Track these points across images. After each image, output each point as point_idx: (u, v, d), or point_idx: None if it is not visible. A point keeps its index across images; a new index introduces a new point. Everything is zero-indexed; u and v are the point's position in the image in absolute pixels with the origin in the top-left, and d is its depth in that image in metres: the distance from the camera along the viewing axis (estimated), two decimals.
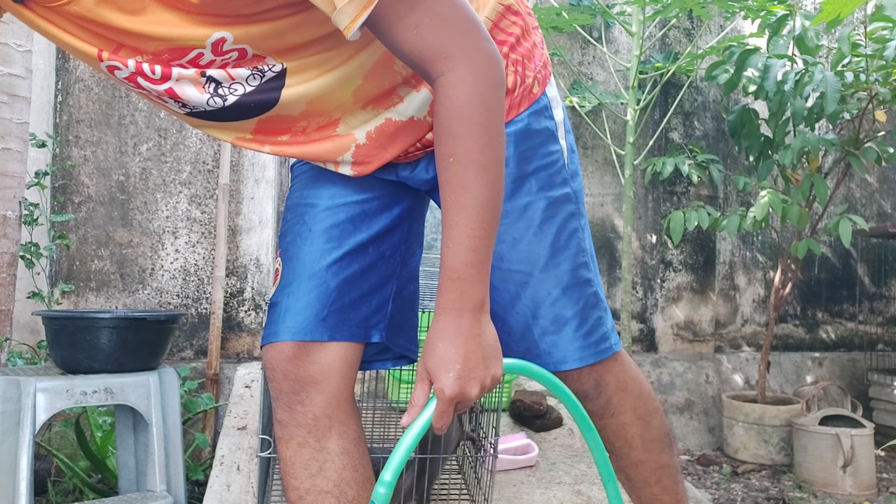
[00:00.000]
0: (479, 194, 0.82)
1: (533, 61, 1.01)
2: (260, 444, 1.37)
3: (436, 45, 0.79)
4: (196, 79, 0.88)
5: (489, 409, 1.51)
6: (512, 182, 1.00)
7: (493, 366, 0.84)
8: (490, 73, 0.82)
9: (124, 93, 2.90)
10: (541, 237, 1.02)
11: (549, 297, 1.02)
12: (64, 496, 2.31)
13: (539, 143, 1.02)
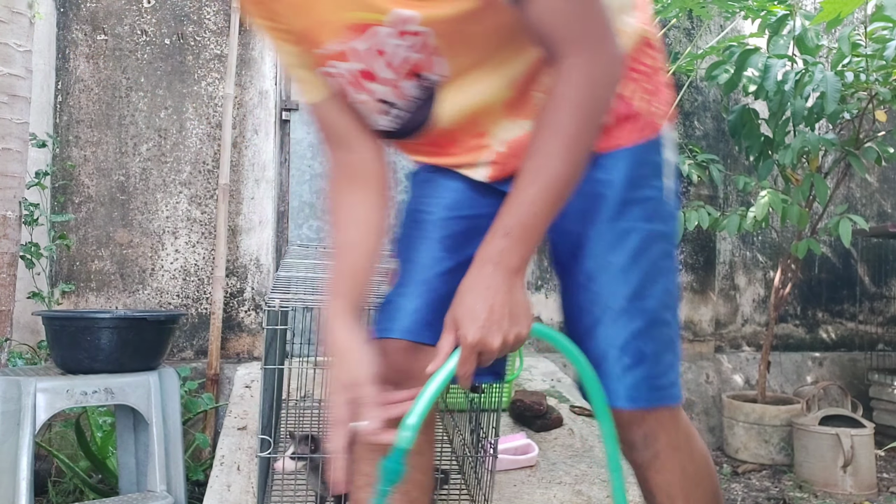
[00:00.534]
0: (558, 167, 0.84)
1: (660, 97, 1.03)
2: (260, 444, 1.37)
3: (571, 30, 0.83)
4: (378, 107, 0.97)
5: (489, 409, 1.52)
6: (618, 204, 0.99)
7: (519, 323, 0.86)
8: (609, 71, 0.85)
9: (124, 93, 2.91)
10: (634, 267, 0.98)
11: (628, 329, 0.98)
12: (64, 496, 2.31)
13: (649, 174, 1.01)
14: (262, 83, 3.01)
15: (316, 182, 3.16)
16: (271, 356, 1.44)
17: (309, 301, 1.35)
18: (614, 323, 0.98)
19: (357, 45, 0.90)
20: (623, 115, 0.98)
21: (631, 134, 0.99)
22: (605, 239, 0.99)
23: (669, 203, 1.03)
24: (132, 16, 2.92)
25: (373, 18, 0.85)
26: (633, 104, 0.98)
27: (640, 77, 0.99)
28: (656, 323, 0.99)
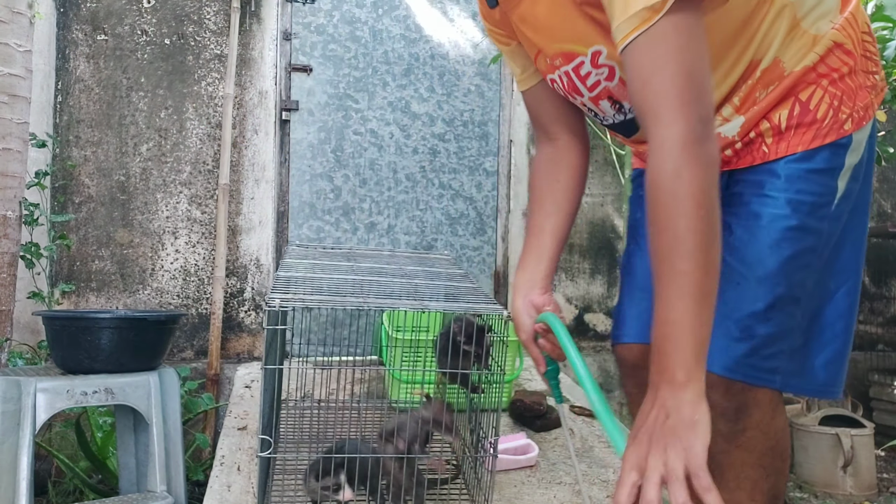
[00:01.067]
0: (679, 267, 0.84)
1: (854, 101, 1.05)
2: (260, 444, 1.37)
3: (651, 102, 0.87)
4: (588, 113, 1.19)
5: (489, 409, 1.52)
6: (774, 189, 1.05)
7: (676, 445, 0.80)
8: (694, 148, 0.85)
9: (124, 93, 2.91)
10: (776, 252, 1.03)
11: (747, 306, 1.03)
12: (64, 497, 2.31)
13: (821, 173, 1.04)
14: (262, 83, 3.01)
15: (316, 182, 3.16)
16: (271, 356, 1.44)
17: (309, 301, 1.35)
18: (740, 295, 1.03)
19: (565, 68, 1.12)
20: (801, 120, 1.04)
21: (813, 140, 1.03)
22: (757, 218, 1.04)
23: (836, 207, 1.05)
24: (132, 16, 2.92)
25: (577, 49, 1.07)
26: (815, 110, 1.03)
27: (827, 83, 1.04)
28: (779, 309, 1.02)
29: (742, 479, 1.06)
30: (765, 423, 1.05)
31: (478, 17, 3.31)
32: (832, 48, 1.04)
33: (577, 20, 1.03)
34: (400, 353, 2.10)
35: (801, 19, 1.02)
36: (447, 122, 3.30)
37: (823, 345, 1.07)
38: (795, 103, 1.04)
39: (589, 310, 3.33)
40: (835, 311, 1.08)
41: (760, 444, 1.05)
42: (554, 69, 1.15)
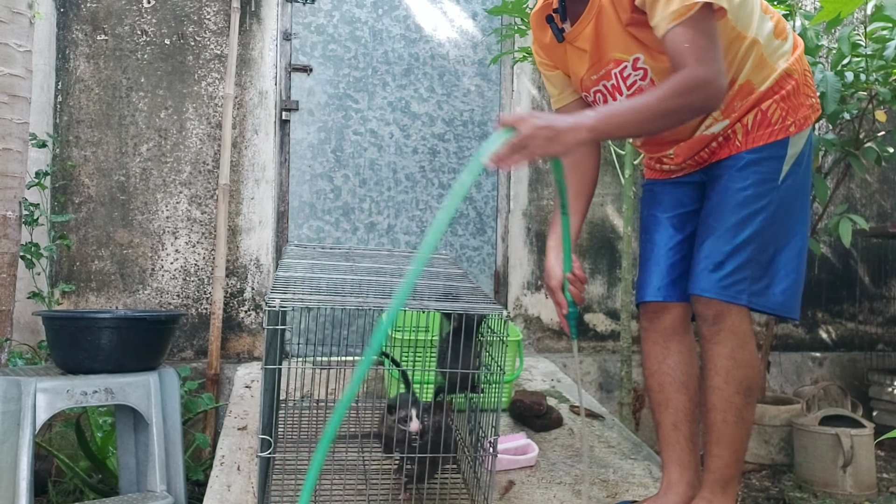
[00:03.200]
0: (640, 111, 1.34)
1: (797, 113, 1.53)
2: (260, 444, 1.37)
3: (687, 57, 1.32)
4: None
5: (489, 409, 1.52)
6: (739, 170, 1.51)
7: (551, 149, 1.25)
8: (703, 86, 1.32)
9: (124, 93, 2.91)
10: (738, 211, 1.49)
11: (719, 248, 1.49)
12: (64, 496, 2.31)
13: (771, 159, 1.52)
14: (262, 83, 3.01)
15: (316, 182, 3.16)
16: (271, 356, 1.44)
17: (309, 301, 1.35)
18: (714, 241, 1.50)
19: (614, 71, 1.53)
20: (761, 123, 1.51)
21: (770, 136, 1.51)
22: (726, 194, 1.51)
23: (781, 181, 1.52)
24: (132, 16, 2.92)
25: (623, 57, 1.50)
26: (770, 117, 1.50)
27: (779, 98, 1.51)
28: (741, 249, 1.48)
29: (719, 367, 1.51)
30: (734, 327, 1.49)
31: (478, 16, 3.31)
32: (784, 76, 1.53)
33: (622, 36, 1.47)
34: (400, 353, 2.10)
35: (767, 57, 1.51)
36: (447, 122, 3.30)
37: (781, 278, 1.51)
38: (758, 112, 1.51)
39: (589, 310, 3.32)
40: (789, 254, 1.52)
41: (731, 342, 1.50)
42: (598, 82, 1.57)
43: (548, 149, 1.24)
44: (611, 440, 2.13)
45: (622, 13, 1.45)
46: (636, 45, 1.47)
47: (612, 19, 1.47)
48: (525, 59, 3.09)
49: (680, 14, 1.32)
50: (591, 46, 1.53)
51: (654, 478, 1.85)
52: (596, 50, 1.53)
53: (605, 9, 1.48)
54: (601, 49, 1.52)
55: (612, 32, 1.49)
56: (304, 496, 1.02)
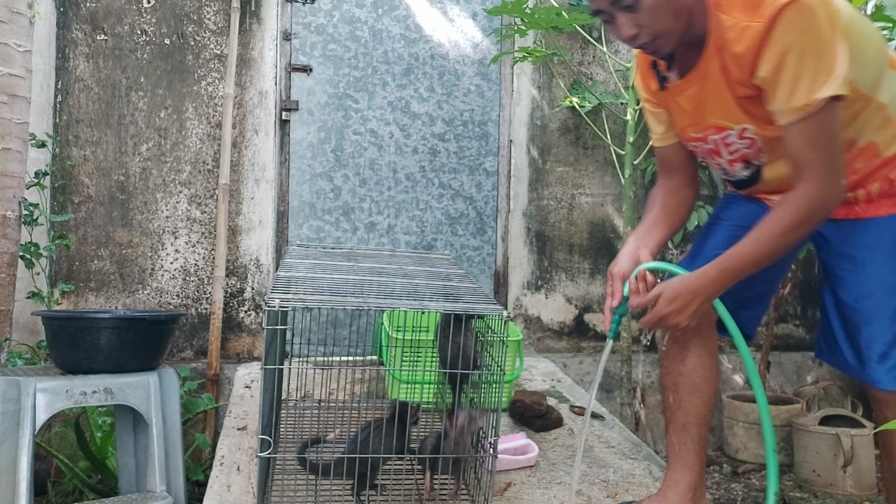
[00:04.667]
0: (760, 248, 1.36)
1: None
2: (260, 444, 1.37)
3: (807, 163, 1.31)
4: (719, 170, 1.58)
5: (489, 409, 1.51)
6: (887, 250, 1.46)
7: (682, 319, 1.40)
8: (823, 204, 1.33)
9: (124, 93, 2.90)
10: (892, 297, 1.44)
11: (881, 337, 1.44)
12: (64, 497, 2.31)
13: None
14: (262, 83, 3.01)
15: (316, 182, 3.16)
16: (271, 356, 1.44)
17: (309, 301, 1.35)
18: (875, 329, 1.44)
19: (713, 137, 1.49)
20: (888, 193, 1.45)
21: (888, 206, 1.46)
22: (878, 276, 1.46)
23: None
24: (132, 15, 2.91)
25: (727, 125, 1.45)
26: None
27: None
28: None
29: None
30: None
31: (478, 16, 3.31)
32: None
33: (731, 105, 1.41)
34: (400, 353, 2.10)
35: (894, 115, 1.42)
36: (447, 122, 3.29)
37: None
38: (886, 180, 1.44)
39: (589, 310, 3.32)
40: None
41: None
42: (696, 140, 1.53)
43: (681, 319, 1.38)
44: (611, 440, 2.13)
45: (736, 87, 1.37)
46: (745, 116, 1.40)
47: (722, 88, 1.39)
48: (525, 58, 3.08)
49: (804, 110, 1.27)
50: (692, 108, 1.48)
51: (655, 478, 1.85)
52: (697, 113, 1.48)
53: (713, 76, 1.39)
54: (702, 113, 1.47)
55: (718, 100, 1.42)
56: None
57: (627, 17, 1.33)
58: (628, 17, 1.33)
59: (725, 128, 1.45)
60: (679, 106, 1.51)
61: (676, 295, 1.38)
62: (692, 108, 1.48)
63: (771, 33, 1.26)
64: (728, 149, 1.49)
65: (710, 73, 1.40)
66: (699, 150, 1.57)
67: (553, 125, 3.29)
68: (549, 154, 3.28)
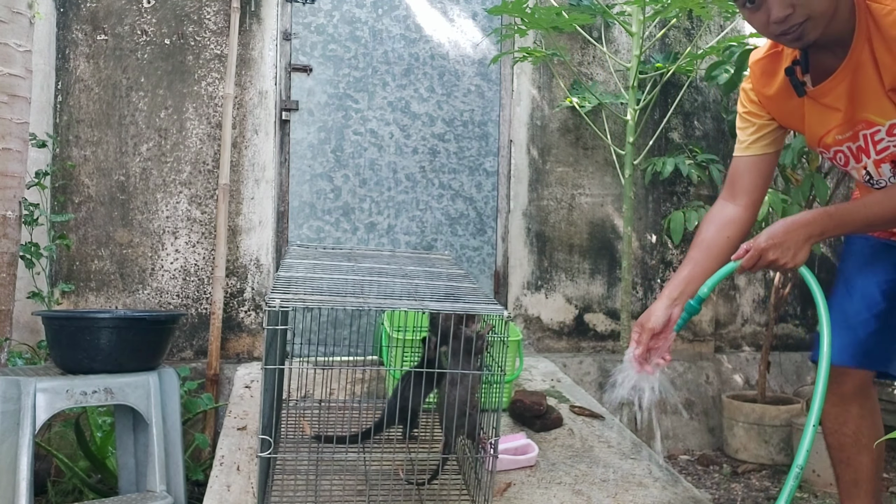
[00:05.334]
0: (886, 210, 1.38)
1: None
2: (260, 444, 1.37)
3: None
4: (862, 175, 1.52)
5: (489, 409, 1.52)
6: None
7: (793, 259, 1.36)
8: None
9: (124, 93, 2.91)
10: None
11: None
12: (64, 496, 2.31)
13: None
14: (262, 83, 3.01)
15: (316, 182, 3.16)
16: (271, 356, 1.44)
17: (309, 301, 1.35)
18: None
19: (864, 132, 1.43)
20: None
21: None
22: None
23: None
24: (132, 16, 2.92)
25: (878, 120, 1.40)
26: None
27: None
28: None
29: None
30: None
31: (478, 16, 3.31)
32: None
33: (882, 99, 1.36)
34: (400, 353, 2.10)
35: None
36: (447, 122, 3.30)
37: None
38: None
39: (589, 310, 3.33)
40: None
41: None
42: (843, 142, 1.49)
43: (792, 264, 1.35)
44: (611, 440, 2.13)
45: (886, 75, 1.33)
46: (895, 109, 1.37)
47: (873, 79, 1.35)
48: (525, 59, 3.09)
49: None
50: (844, 105, 1.42)
51: (654, 478, 1.85)
52: (850, 109, 1.42)
53: (864, 66, 1.35)
54: (855, 109, 1.42)
55: (870, 93, 1.37)
56: None
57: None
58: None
59: (876, 123, 1.41)
60: (825, 107, 1.45)
61: (777, 230, 1.36)
62: (845, 105, 1.42)
63: None
64: (875, 147, 1.44)
65: (861, 63, 1.35)
66: (842, 156, 1.52)
67: (553, 125, 3.29)
68: (549, 154, 3.28)
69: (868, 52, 1.34)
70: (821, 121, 1.48)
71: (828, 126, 1.48)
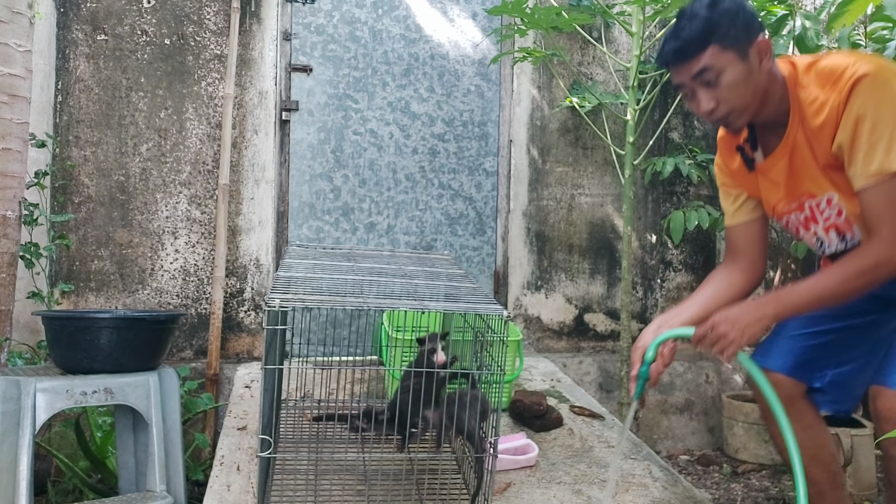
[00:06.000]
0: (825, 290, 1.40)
1: None
2: (260, 444, 1.37)
3: (879, 225, 1.37)
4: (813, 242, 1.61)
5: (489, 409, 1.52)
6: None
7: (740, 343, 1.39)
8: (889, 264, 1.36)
9: (124, 93, 2.91)
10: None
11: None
12: (64, 496, 2.31)
13: None
14: (262, 83, 3.01)
15: (315, 182, 3.16)
16: (271, 356, 1.44)
17: (309, 301, 1.35)
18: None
19: (809, 203, 1.55)
20: None
21: None
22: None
23: None
24: (132, 16, 2.92)
25: (817, 192, 1.52)
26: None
27: None
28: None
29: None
30: None
31: (478, 16, 3.31)
32: None
33: (817, 174, 1.49)
34: (400, 353, 2.10)
35: None
36: (447, 123, 3.30)
37: None
38: None
39: (589, 310, 3.33)
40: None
41: None
42: (791, 211, 1.60)
43: (739, 342, 1.39)
44: (611, 440, 2.13)
45: (819, 154, 1.45)
46: (830, 185, 1.48)
47: (808, 157, 1.48)
48: (525, 59, 3.09)
49: (878, 175, 1.34)
50: (784, 180, 1.55)
51: (654, 478, 1.85)
52: (790, 184, 1.55)
53: (799, 146, 1.48)
54: (795, 183, 1.54)
55: (806, 170, 1.50)
56: None
57: (707, 91, 1.44)
58: (708, 92, 1.44)
59: (815, 194, 1.53)
60: (771, 181, 1.58)
61: (733, 309, 1.43)
62: (785, 180, 1.55)
63: (848, 104, 1.36)
64: (821, 216, 1.55)
65: (797, 144, 1.49)
66: (794, 223, 1.62)
67: (553, 125, 3.29)
68: (548, 154, 3.28)
69: (802, 133, 1.47)
70: (770, 192, 1.61)
71: (777, 197, 1.60)
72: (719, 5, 1.42)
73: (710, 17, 1.41)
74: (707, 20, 1.41)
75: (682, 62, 1.45)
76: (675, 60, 1.46)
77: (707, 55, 1.41)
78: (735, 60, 1.42)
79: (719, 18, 1.41)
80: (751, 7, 1.47)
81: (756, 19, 1.46)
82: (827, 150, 1.42)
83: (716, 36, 1.41)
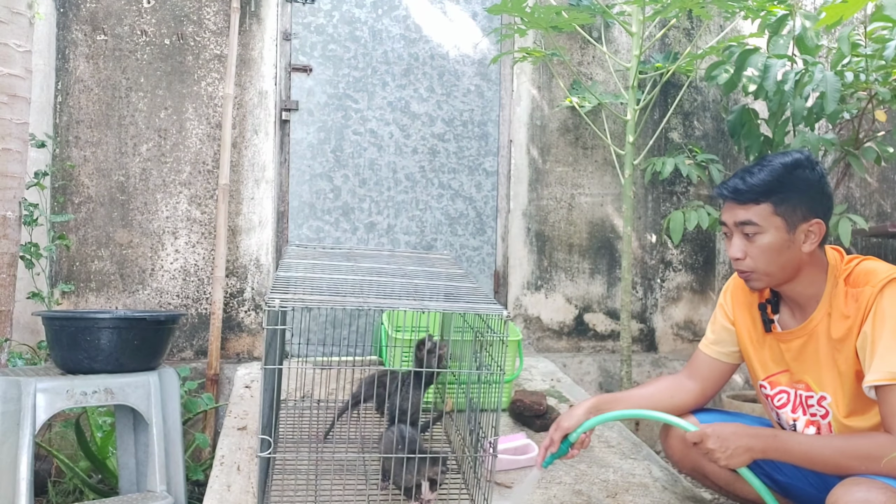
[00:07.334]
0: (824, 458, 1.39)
1: None
2: (260, 444, 1.37)
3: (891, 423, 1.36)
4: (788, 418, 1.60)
5: (489, 409, 1.52)
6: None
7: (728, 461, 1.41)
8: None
9: (124, 93, 2.91)
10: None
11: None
12: (64, 496, 2.31)
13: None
14: (262, 83, 3.01)
15: (315, 182, 3.16)
16: (271, 356, 1.44)
17: (309, 301, 1.35)
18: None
19: (802, 393, 1.56)
20: None
21: None
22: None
23: None
24: (132, 16, 2.92)
25: (814, 388, 1.52)
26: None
27: None
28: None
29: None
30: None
31: (478, 16, 3.31)
32: None
33: (824, 368, 1.50)
34: (400, 353, 2.10)
35: None
36: (447, 122, 3.30)
37: None
38: None
39: (589, 310, 3.33)
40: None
41: None
42: (783, 392, 1.59)
43: (724, 462, 1.41)
44: (611, 440, 2.13)
45: (837, 354, 1.46)
46: (834, 379, 1.48)
47: (825, 349, 1.49)
48: (525, 59, 3.09)
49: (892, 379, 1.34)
50: (791, 359, 1.56)
51: (654, 478, 1.85)
52: (795, 364, 1.56)
53: (818, 337, 1.49)
54: (800, 366, 1.55)
55: (813, 361, 1.51)
56: None
57: (742, 241, 1.47)
58: (742, 242, 1.47)
59: (812, 389, 1.53)
60: (779, 353, 1.59)
61: (727, 428, 1.43)
62: (791, 359, 1.56)
63: (877, 300, 1.39)
64: (804, 406, 1.56)
65: (818, 333, 1.49)
66: (774, 399, 1.61)
67: (553, 125, 3.29)
68: (548, 154, 3.28)
69: (825, 325, 1.48)
70: (774, 361, 1.61)
71: (777, 369, 1.60)
72: (797, 171, 1.43)
73: (781, 177, 1.42)
74: (776, 178, 1.42)
75: (735, 203, 1.46)
76: (729, 197, 1.47)
77: (757, 209, 1.43)
78: (780, 228, 1.44)
79: (789, 182, 1.42)
80: (829, 190, 1.48)
81: (825, 203, 1.47)
82: (852, 352, 1.43)
83: (775, 196, 1.42)
